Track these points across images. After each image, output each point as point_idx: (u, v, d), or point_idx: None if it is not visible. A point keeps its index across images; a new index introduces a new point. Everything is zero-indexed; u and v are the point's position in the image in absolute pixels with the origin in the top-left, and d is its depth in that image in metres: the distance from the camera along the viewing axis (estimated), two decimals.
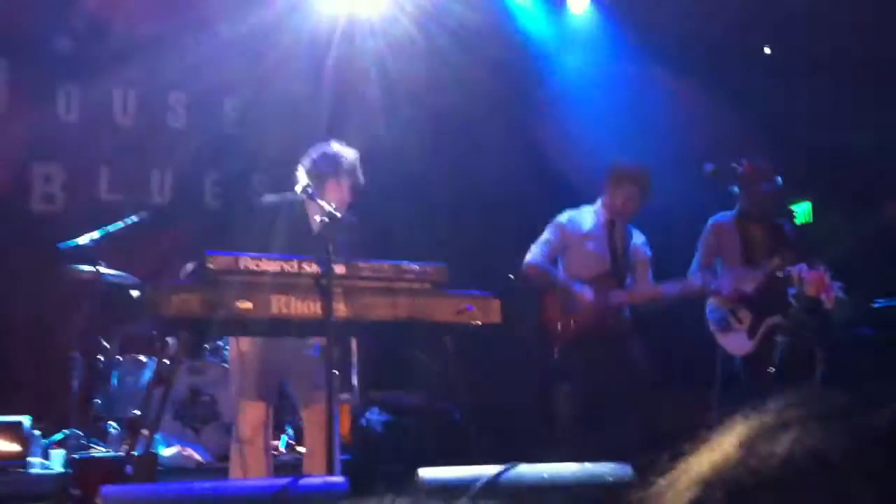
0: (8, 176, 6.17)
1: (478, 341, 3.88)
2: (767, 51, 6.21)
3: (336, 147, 4.31)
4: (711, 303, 5.03)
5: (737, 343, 4.91)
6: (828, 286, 4.52)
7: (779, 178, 4.98)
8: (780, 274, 4.65)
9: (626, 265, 5.08)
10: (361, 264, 3.73)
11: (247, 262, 3.54)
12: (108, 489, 2.85)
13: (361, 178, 4.29)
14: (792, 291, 4.59)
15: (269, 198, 4.36)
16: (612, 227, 5.08)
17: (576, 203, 5.25)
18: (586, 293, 4.87)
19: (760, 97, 6.26)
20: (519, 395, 5.69)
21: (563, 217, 5.14)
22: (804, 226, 6.02)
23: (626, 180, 4.98)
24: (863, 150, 5.22)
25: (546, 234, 5.10)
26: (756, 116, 6.24)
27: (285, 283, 3.57)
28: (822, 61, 5.95)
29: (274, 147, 6.18)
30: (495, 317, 3.81)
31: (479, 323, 3.74)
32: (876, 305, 5.27)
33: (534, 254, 5.05)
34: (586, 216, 5.13)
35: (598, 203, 5.12)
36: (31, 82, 6.52)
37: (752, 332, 4.88)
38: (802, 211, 6.15)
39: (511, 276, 5.00)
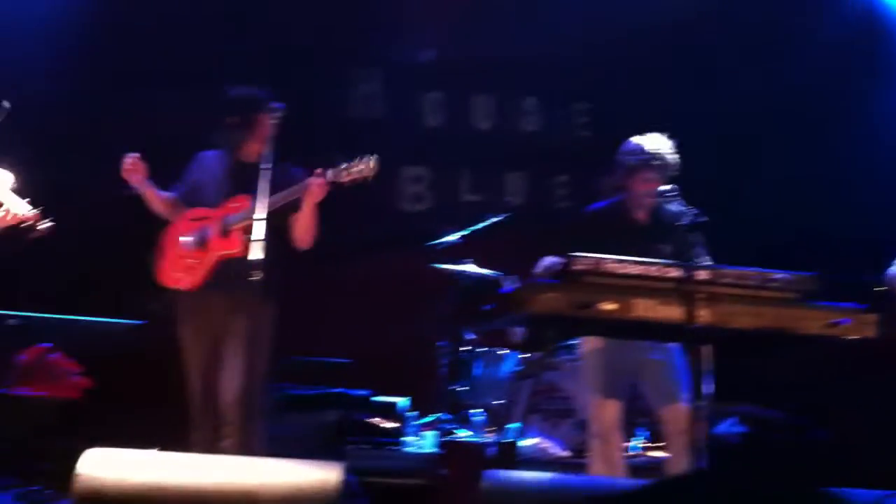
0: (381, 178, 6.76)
1: (851, 358, 3.68)
2: None
3: (644, 139, 4.29)
4: None
5: None
6: None
7: None
8: None
9: None
10: (725, 270, 3.67)
11: (610, 264, 3.61)
12: (490, 474, 3.04)
13: (674, 168, 4.22)
14: None
15: (594, 206, 4.45)
16: None
17: None
18: None
19: None
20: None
21: None
22: None
23: None
24: None
25: None
26: None
27: (647, 287, 3.60)
28: None
29: None
30: (871, 332, 3.59)
31: (854, 338, 3.55)
32: None
33: None
34: None
35: None
36: (401, 90, 7.12)
37: None
38: None
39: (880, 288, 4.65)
